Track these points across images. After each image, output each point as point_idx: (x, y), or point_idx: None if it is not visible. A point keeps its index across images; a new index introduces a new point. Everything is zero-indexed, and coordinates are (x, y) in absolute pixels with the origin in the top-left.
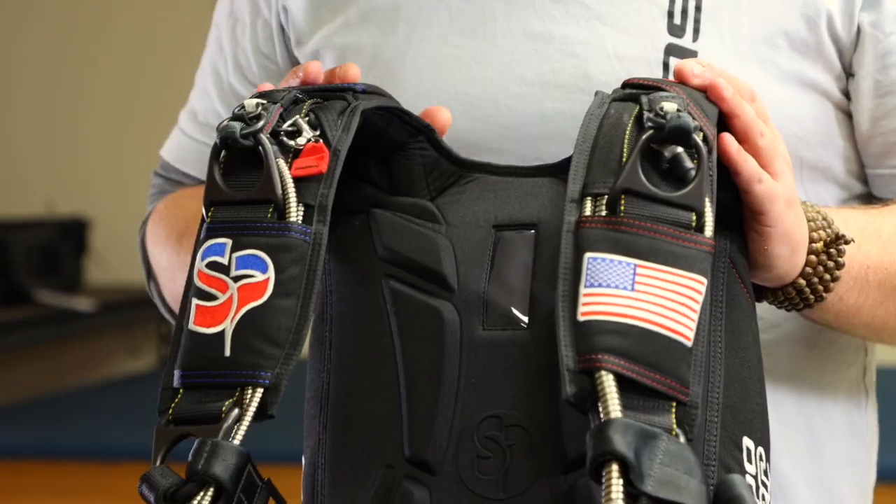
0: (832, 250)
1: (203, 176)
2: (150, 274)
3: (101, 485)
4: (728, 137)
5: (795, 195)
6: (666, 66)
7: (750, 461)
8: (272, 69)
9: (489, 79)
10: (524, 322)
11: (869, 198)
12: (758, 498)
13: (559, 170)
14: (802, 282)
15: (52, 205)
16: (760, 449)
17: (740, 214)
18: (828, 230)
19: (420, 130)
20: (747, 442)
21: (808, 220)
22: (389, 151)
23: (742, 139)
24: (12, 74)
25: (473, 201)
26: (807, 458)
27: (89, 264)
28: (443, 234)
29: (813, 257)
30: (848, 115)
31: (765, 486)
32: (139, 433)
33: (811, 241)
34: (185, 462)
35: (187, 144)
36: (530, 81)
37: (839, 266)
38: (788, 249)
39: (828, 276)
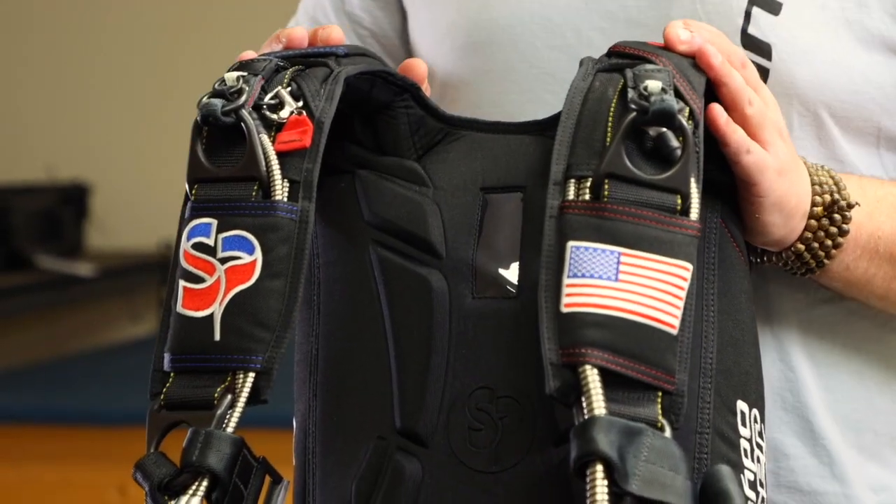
0: (835, 215)
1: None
2: None
3: (102, 449)
4: (716, 108)
5: (790, 162)
6: (748, 15)
7: (744, 424)
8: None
9: (575, 8)
10: (513, 290)
11: None
12: (752, 461)
13: (547, 127)
14: (801, 247)
15: (52, 170)
16: (755, 411)
17: (733, 179)
18: (834, 195)
19: (405, 89)
20: (741, 405)
21: (815, 184)
22: (375, 111)
23: (730, 108)
24: (12, 40)
25: (461, 161)
26: (862, 433)
27: (90, 229)
28: (430, 198)
29: (813, 222)
30: None
31: (759, 447)
32: (139, 398)
33: (813, 204)
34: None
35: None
36: (615, 17)
37: (843, 233)
38: (782, 217)
39: (829, 242)
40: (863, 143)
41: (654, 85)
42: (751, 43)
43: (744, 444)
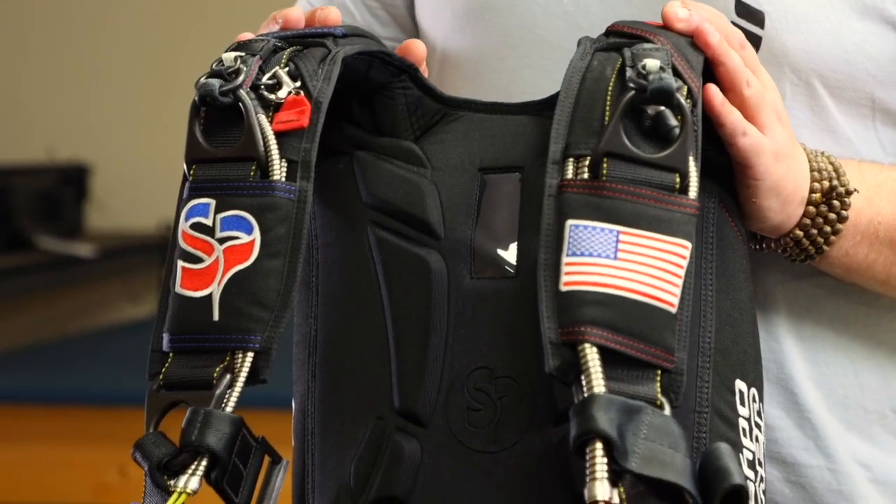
0: (834, 202)
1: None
2: None
3: (101, 429)
4: (712, 88)
5: (787, 147)
6: None
7: (743, 404)
8: None
9: None
10: (512, 270)
11: None
12: (751, 440)
13: (545, 107)
14: (799, 233)
15: (52, 151)
16: (753, 390)
17: (731, 161)
18: (833, 182)
19: (403, 69)
20: (740, 384)
21: (814, 171)
22: (372, 92)
23: (727, 88)
24: (13, 20)
25: (458, 142)
26: (850, 409)
27: (90, 210)
28: (428, 179)
29: (811, 208)
30: None
31: (758, 427)
32: (139, 379)
33: (812, 191)
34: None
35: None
36: None
37: (841, 219)
38: (779, 202)
39: (828, 228)
40: (857, 115)
41: (652, 64)
42: (744, 10)
43: (742, 423)
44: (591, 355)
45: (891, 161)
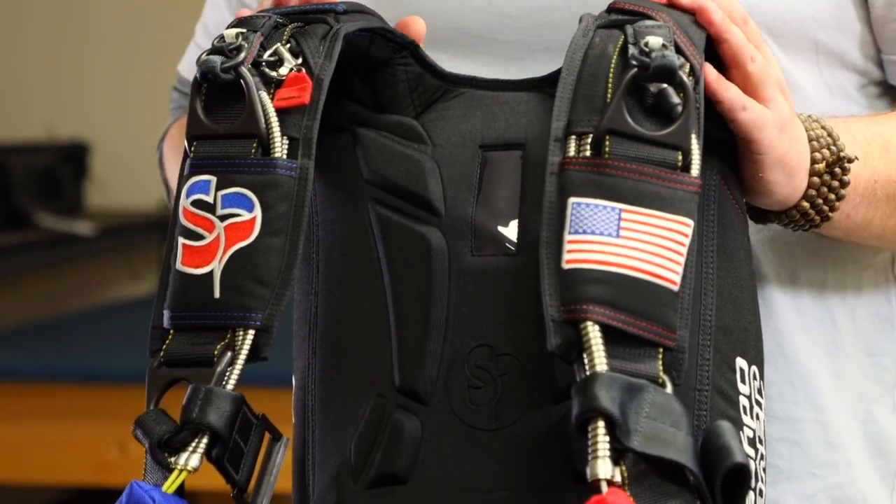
0: (836, 170)
1: None
2: (169, 192)
3: (102, 407)
4: (707, 67)
5: (790, 119)
6: None
7: (743, 381)
8: None
9: None
10: (512, 248)
11: (887, 83)
12: (751, 417)
13: (546, 83)
14: (806, 204)
15: (52, 129)
16: (754, 368)
17: (733, 137)
18: (831, 148)
19: (404, 46)
20: (740, 362)
21: (811, 140)
22: (373, 69)
23: (731, 64)
24: None
25: (459, 119)
26: (827, 349)
27: (90, 188)
28: (428, 156)
29: (816, 179)
30: None
31: (759, 404)
32: (139, 356)
33: (813, 161)
34: (182, 387)
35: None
36: None
37: (844, 185)
38: (784, 175)
39: (833, 196)
40: (803, 60)
41: (654, 41)
42: None
43: (743, 401)
44: (594, 333)
45: (838, 102)
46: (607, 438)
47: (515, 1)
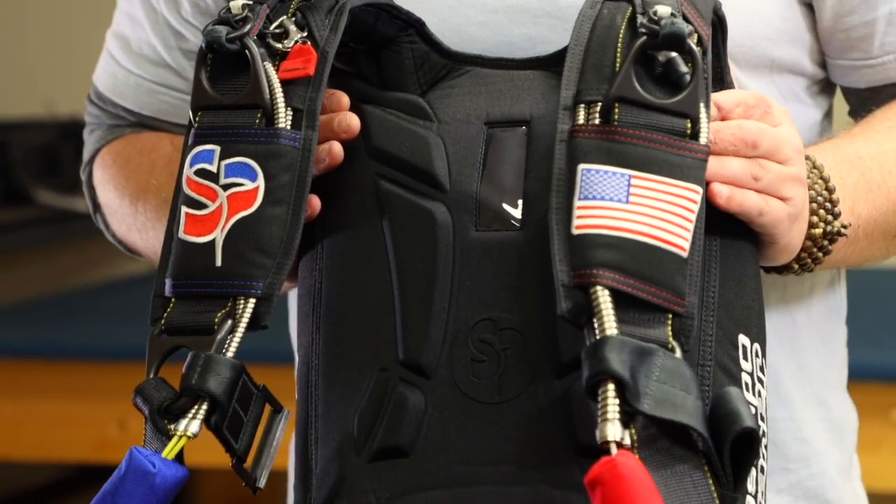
0: (828, 239)
1: (144, 110)
2: (97, 209)
3: (101, 384)
4: (714, 188)
5: (803, 208)
6: None
7: (746, 358)
8: (203, 5)
9: (448, 8)
10: (517, 223)
11: (829, 82)
12: (753, 394)
13: (552, 62)
14: (795, 265)
15: (52, 105)
16: (756, 345)
17: None
18: (828, 219)
19: (409, 24)
20: (743, 339)
21: (811, 200)
22: (379, 46)
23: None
24: None
25: (465, 96)
26: (791, 346)
27: None
28: (434, 132)
29: (809, 242)
30: (809, 7)
31: (761, 382)
32: (139, 333)
33: (810, 225)
34: (182, 362)
35: (123, 77)
36: (493, 8)
37: (833, 243)
38: (786, 255)
39: (820, 255)
40: (759, 75)
41: (663, 10)
42: None
43: (745, 377)
44: (604, 298)
45: (788, 105)
46: (617, 401)
47: (477, 43)
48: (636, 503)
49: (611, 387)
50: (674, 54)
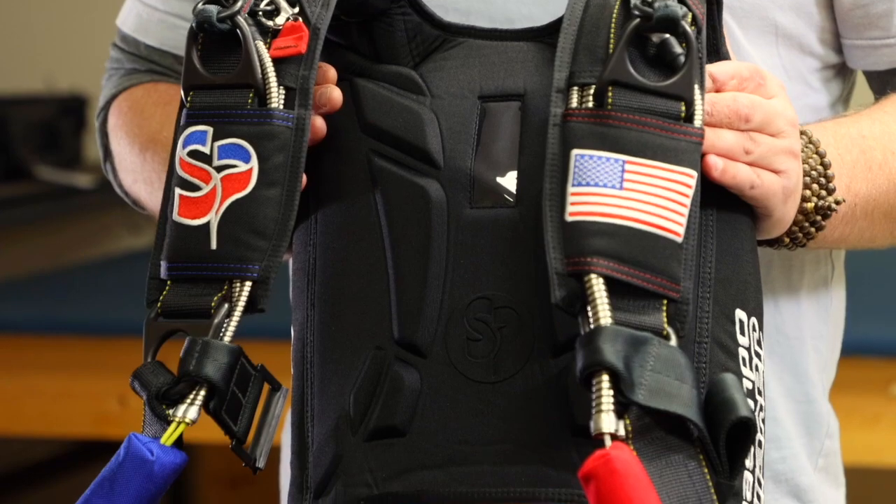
0: (821, 214)
1: (165, 46)
2: (107, 156)
3: (102, 359)
4: (710, 160)
5: (797, 185)
6: None
7: (743, 333)
8: None
9: None
10: (511, 199)
11: (844, 68)
12: (751, 369)
13: (546, 33)
14: (786, 239)
15: (51, 81)
16: (753, 319)
17: None
18: (821, 193)
19: None
20: (740, 314)
21: (805, 174)
22: (371, 18)
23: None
24: None
25: (458, 69)
26: (772, 333)
27: (89, 141)
28: (427, 107)
29: (801, 216)
30: None
31: (758, 356)
32: (139, 309)
33: (803, 199)
34: (180, 340)
35: (147, 14)
36: None
37: (826, 218)
38: (778, 228)
39: (812, 230)
40: (763, 42)
41: None
42: None
43: (742, 352)
44: (598, 286)
45: (794, 86)
46: (611, 392)
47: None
48: (630, 498)
49: (605, 378)
50: (667, 36)
